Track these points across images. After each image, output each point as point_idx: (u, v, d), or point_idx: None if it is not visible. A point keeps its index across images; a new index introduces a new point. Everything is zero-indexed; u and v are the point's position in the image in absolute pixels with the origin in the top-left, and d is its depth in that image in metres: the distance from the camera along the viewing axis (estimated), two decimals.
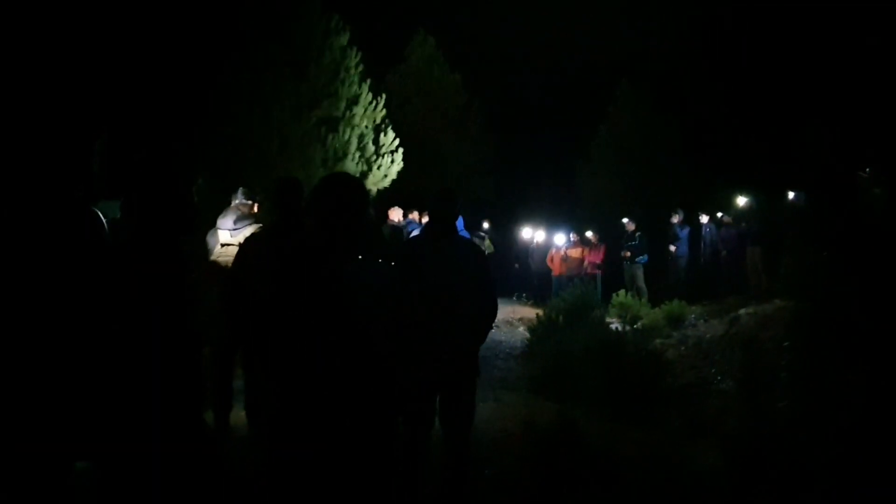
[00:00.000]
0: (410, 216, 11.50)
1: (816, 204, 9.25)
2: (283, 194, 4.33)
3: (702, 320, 10.62)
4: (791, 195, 12.31)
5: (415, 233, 8.94)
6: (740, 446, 4.89)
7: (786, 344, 7.50)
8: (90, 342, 2.73)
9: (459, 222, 6.62)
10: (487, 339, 4.28)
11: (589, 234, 15.41)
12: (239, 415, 4.69)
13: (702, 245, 14.45)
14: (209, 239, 5.56)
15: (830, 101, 7.23)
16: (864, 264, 6.57)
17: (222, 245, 5.40)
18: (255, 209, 5.64)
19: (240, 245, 4.67)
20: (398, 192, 12.57)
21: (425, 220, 9.85)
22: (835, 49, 7.40)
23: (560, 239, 15.97)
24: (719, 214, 14.37)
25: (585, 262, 15.05)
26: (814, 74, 11.03)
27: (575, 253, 15.22)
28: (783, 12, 17.24)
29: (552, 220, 18.29)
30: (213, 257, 5.40)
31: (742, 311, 9.90)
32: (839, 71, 7.17)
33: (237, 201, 5.60)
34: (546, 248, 16.66)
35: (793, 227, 9.74)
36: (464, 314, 3.87)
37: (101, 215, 3.20)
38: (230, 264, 4.60)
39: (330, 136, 11.02)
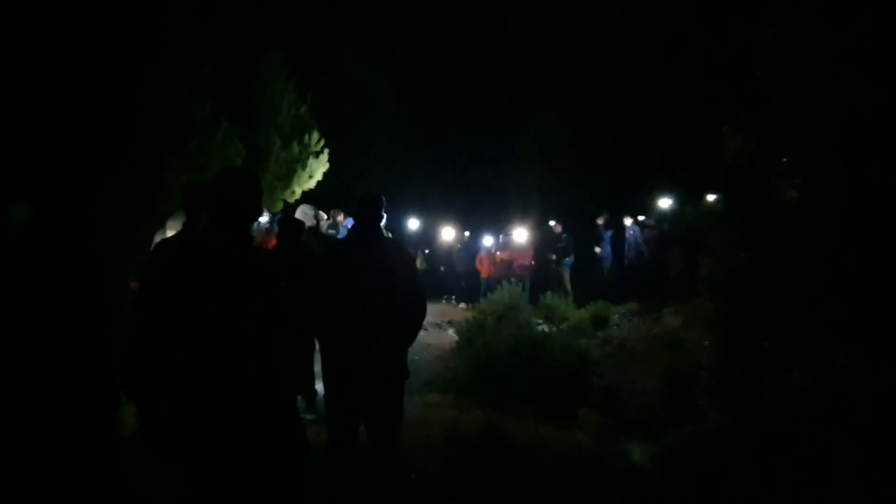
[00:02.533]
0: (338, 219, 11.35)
1: (733, 207, 9.55)
2: (187, 198, 4.29)
3: (626, 320, 10.84)
4: (711, 198, 12.75)
5: None
6: (664, 444, 4.98)
7: (706, 343, 7.71)
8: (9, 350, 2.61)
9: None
10: (415, 342, 4.23)
11: (519, 235, 15.45)
12: None
13: (625, 247, 14.77)
14: (157, 239, 5.49)
15: (745, 107, 7.45)
16: (778, 265, 6.82)
17: None
18: None
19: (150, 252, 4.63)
20: (324, 194, 12.40)
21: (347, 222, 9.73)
22: (747, 58, 7.67)
23: (489, 241, 16.05)
24: (641, 217, 14.71)
25: (514, 264, 15.15)
26: (729, 80, 11.42)
27: (504, 255, 15.31)
28: (701, 20, 17.84)
29: (480, 221, 18.39)
30: None
31: (664, 311, 10.15)
32: (753, 78, 7.41)
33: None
34: (474, 249, 16.72)
35: (712, 229, 10.04)
36: (390, 316, 3.80)
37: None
38: None
39: (253, 136, 10.76)
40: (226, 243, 2.71)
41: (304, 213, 6.67)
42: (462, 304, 15.86)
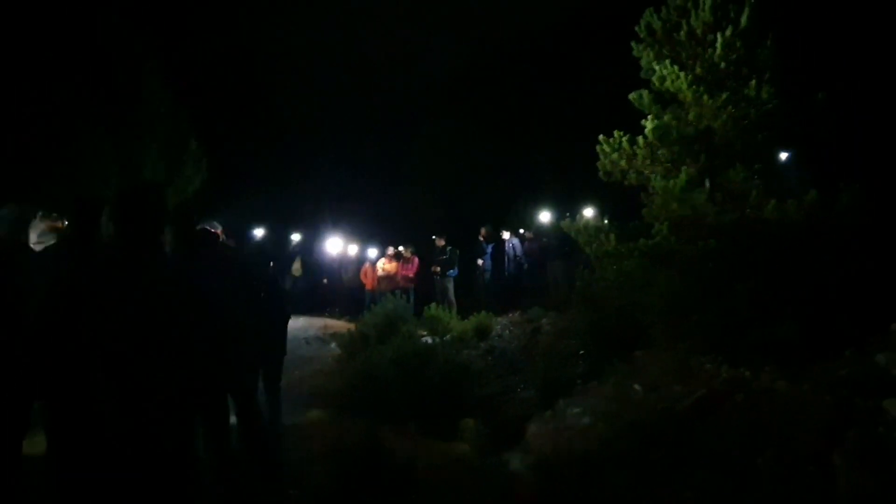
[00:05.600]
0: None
1: (607, 221, 9.96)
2: (80, 213, 4.22)
3: (507, 331, 11.04)
4: (588, 212, 13.24)
5: None
6: (542, 450, 5.10)
7: (581, 352, 7.98)
8: None
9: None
10: (297, 356, 4.23)
11: (402, 249, 15.54)
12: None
13: (506, 259, 15.10)
14: None
15: (619, 126, 7.81)
16: (648, 277, 7.16)
17: None
18: (61, 225, 5.40)
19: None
20: (204, 205, 12.02)
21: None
22: (623, 78, 8.06)
23: (373, 253, 16.00)
24: (521, 230, 15.09)
25: (399, 276, 15.16)
26: (604, 99, 11.94)
27: (389, 267, 15.29)
28: (579, 43, 18.63)
29: (365, 234, 18.29)
30: None
31: (543, 321, 10.43)
32: (626, 98, 7.79)
33: (39, 216, 5.42)
34: (359, 261, 16.62)
35: (587, 242, 10.39)
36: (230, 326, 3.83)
37: None
38: None
39: (129, 145, 10.30)
40: (136, 255, 2.68)
41: None
42: (345, 318, 15.71)
